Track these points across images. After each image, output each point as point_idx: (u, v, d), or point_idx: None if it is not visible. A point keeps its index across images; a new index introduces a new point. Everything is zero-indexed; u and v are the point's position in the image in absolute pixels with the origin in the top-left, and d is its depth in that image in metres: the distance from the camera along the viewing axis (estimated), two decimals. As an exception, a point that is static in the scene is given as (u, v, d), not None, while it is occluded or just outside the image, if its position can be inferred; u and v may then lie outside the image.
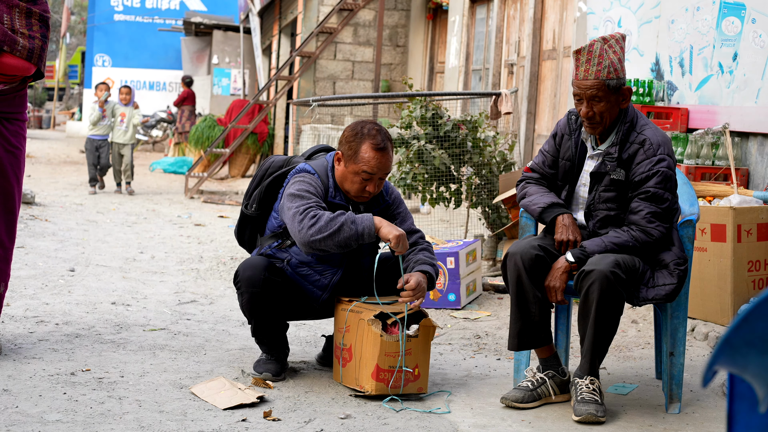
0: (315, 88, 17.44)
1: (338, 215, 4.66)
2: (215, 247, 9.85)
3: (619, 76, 4.65)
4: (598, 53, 4.63)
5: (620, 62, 4.66)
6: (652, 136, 4.65)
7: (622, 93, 4.68)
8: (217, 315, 6.60)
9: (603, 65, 4.62)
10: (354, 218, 4.67)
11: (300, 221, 4.67)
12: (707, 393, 5.07)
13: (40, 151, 24.09)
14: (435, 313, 6.92)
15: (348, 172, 4.88)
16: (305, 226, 4.65)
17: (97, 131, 15.45)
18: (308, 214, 4.67)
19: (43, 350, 5.33)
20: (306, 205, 4.72)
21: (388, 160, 4.88)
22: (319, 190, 4.87)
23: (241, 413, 4.40)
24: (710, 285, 6.27)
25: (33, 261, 8.30)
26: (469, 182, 8.88)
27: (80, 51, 45.05)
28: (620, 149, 4.68)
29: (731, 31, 7.42)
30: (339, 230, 4.62)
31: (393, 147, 5.01)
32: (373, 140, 4.84)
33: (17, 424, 4.08)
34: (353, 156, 4.84)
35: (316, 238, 4.64)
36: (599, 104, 4.64)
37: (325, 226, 4.62)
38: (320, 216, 4.65)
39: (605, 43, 4.65)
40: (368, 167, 4.82)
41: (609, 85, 4.62)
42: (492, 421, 4.52)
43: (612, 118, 4.70)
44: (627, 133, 4.69)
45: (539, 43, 11.73)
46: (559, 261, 4.67)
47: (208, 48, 28.00)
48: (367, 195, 4.92)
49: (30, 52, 5.09)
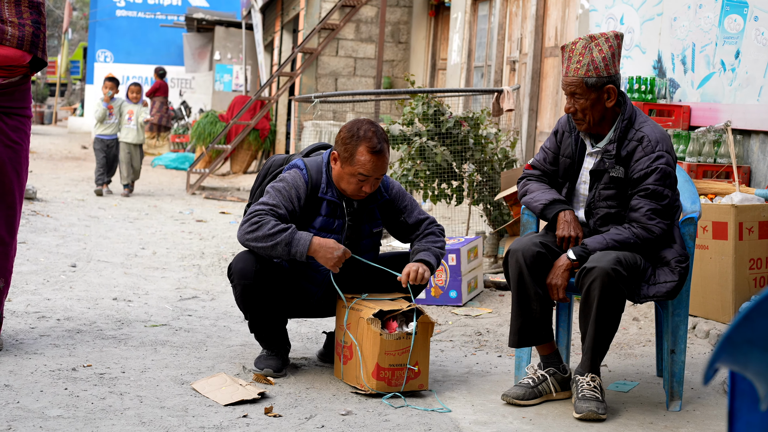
0: (317, 84, 17.43)
1: (279, 231, 4.72)
2: (216, 243, 9.85)
3: (600, 75, 4.64)
4: (579, 51, 4.67)
5: (605, 61, 4.65)
6: (651, 132, 4.65)
7: (605, 91, 4.67)
8: (218, 311, 6.60)
9: (582, 63, 4.65)
10: (290, 240, 4.71)
11: (244, 221, 4.79)
12: (708, 390, 5.07)
13: (41, 147, 24.08)
14: (436, 309, 6.93)
15: (344, 173, 4.88)
16: (245, 230, 4.77)
17: (105, 130, 14.62)
18: (252, 218, 4.77)
19: (45, 346, 5.34)
20: (260, 209, 4.79)
21: (384, 162, 4.88)
22: (298, 191, 4.90)
23: (242, 409, 4.41)
24: (711, 283, 6.27)
25: (34, 256, 8.30)
26: (471, 179, 8.88)
27: (82, 47, 45.01)
28: (618, 146, 4.68)
29: (733, 29, 7.41)
30: (272, 247, 4.73)
31: (389, 146, 5.01)
32: (369, 143, 4.82)
33: (18, 419, 4.08)
34: (349, 158, 4.84)
35: (250, 244, 4.79)
36: (579, 101, 4.68)
37: (261, 237, 4.73)
38: (263, 224, 4.73)
39: (592, 41, 4.66)
40: (364, 170, 4.82)
41: (587, 83, 4.64)
42: (493, 417, 4.52)
43: (596, 117, 4.70)
44: (625, 130, 4.69)
45: (541, 40, 11.73)
46: (561, 259, 4.67)
47: (210, 44, 27.96)
48: (363, 194, 4.93)
49: (20, 40, 5.04)
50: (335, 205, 4.94)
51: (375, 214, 5.08)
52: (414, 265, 4.87)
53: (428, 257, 4.97)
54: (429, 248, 5.04)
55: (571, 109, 4.71)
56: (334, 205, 4.94)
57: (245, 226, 4.76)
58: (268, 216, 4.76)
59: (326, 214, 4.92)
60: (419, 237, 5.12)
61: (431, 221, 5.16)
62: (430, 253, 5.00)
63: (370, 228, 5.07)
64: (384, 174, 4.93)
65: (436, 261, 5.02)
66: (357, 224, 5.02)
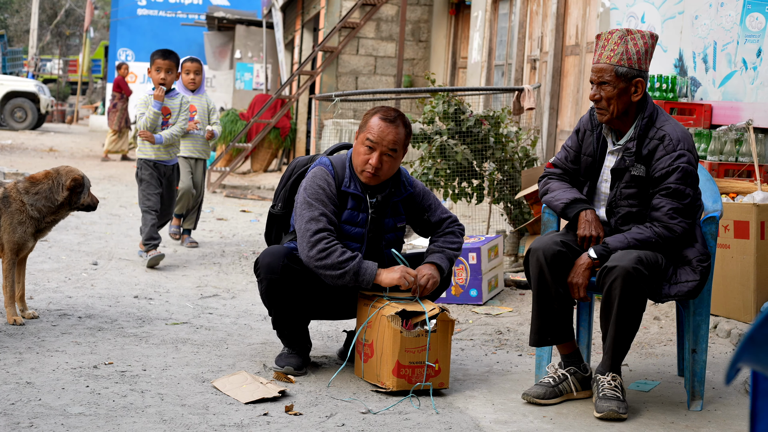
0: (337, 83, 17.44)
1: (347, 260, 4.77)
2: (237, 242, 9.87)
3: (632, 66, 4.63)
4: (615, 40, 4.66)
5: (638, 54, 4.64)
6: (672, 131, 4.63)
7: (633, 84, 4.66)
8: (239, 309, 6.62)
9: (617, 51, 4.64)
10: (358, 269, 4.77)
11: (310, 246, 4.81)
12: (730, 390, 5.05)
13: (63, 145, 24.20)
14: (456, 308, 6.92)
15: (357, 143, 4.96)
16: (314, 255, 4.79)
17: (161, 152, 8.38)
18: (319, 245, 4.79)
19: (66, 343, 5.36)
20: (323, 233, 4.81)
21: (393, 133, 4.89)
22: (331, 187, 4.93)
23: (263, 407, 4.41)
24: (733, 282, 6.24)
25: (56, 254, 8.33)
26: (492, 178, 8.87)
27: (103, 45, 45.18)
28: (639, 144, 4.67)
29: (755, 27, 7.38)
30: (341, 276, 4.78)
31: (408, 128, 5.00)
32: (384, 112, 4.92)
33: (40, 416, 4.10)
34: (363, 126, 4.95)
35: (319, 271, 4.81)
36: (606, 88, 4.66)
37: (330, 265, 4.77)
38: (331, 251, 4.77)
39: (628, 34, 4.66)
40: (372, 135, 4.86)
41: (618, 72, 4.63)
42: (513, 417, 4.51)
43: (620, 108, 4.68)
44: (646, 128, 4.67)
45: (562, 38, 11.70)
46: (582, 257, 4.66)
47: (231, 43, 28.01)
48: (369, 170, 4.91)
49: None
50: (359, 199, 4.96)
51: (399, 209, 5.10)
52: (423, 277, 4.91)
53: (440, 260, 5.00)
54: (443, 249, 5.06)
55: (596, 96, 4.69)
56: (359, 198, 4.96)
57: (313, 252, 4.78)
58: (334, 241, 4.81)
59: (351, 207, 4.96)
60: (438, 234, 5.15)
61: (453, 220, 5.19)
62: (443, 255, 5.03)
63: (394, 222, 5.09)
64: (393, 150, 4.92)
65: (448, 263, 5.05)
66: (380, 218, 5.04)
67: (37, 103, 31.12)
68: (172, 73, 8.34)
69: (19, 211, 5.71)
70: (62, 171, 5.94)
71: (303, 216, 4.86)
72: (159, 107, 8.28)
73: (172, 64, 8.33)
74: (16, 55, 45.89)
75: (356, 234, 4.97)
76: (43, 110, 31.24)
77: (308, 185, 4.93)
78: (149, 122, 8.25)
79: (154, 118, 8.25)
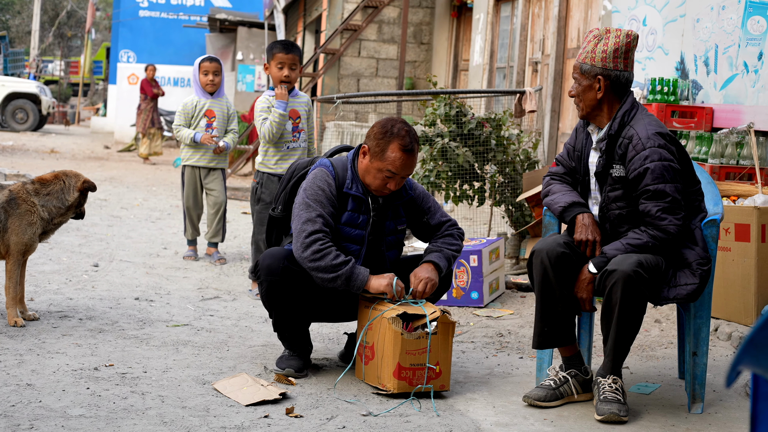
0: (339, 85, 17.45)
1: (341, 264, 4.79)
2: (238, 244, 9.87)
3: (594, 64, 4.72)
4: (590, 39, 4.80)
5: (604, 53, 4.70)
6: (642, 129, 4.61)
7: (596, 81, 4.72)
8: (240, 311, 6.62)
9: (586, 49, 4.78)
10: (350, 274, 4.79)
11: (304, 247, 4.83)
12: (730, 393, 5.05)
13: (64, 147, 24.21)
14: (457, 311, 6.92)
15: (372, 167, 4.91)
16: (308, 256, 4.81)
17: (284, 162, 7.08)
18: (313, 246, 4.81)
19: (67, 345, 5.36)
20: (317, 234, 4.83)
21: (413, 161, 4.93)
22: (331, 188, 4.94)
23: (264, 409, 4.41)
24: (734, 285, 6.24)
25: (57, 256, 8.34)
26: (493, 180, 8.87)
27: (105, 47, 45.23)
28: (610, 143, 4.70)
29: (757, 30, 7.38)
30: (333, 279, 4.80)
31: (419, 147, 5.07)
32: (402, 141, 4.87)
33: (41, 418, 4.10)
34: (380, 153, 4.87)
35: (312, 272, 4.84)
36: (575, 85, 4.83)
37: (323, 268, 4.79)
38: (326, 254, 4.79)
39: (606, 33, 4.79)
40: (393, 167, 4.86)
41: (581, 68, 4.78)
42: (514, 419, 4.51)
43: (588, 105, 4.78)
44: (618, 128, 4.70)
45: (564, 41, 11.71)
46: (584, 272, 4.65)
47: (233, 44, 28.01)
48: (387, 191, 4.96)
49: None
50: (360, 201, 4.98)
51: (399, 212, 5.11)
52: (420, 282, 4.91)
53: (438, 259, 5.02)
54: (442, 249, 5.08)
55: (571, 91, 4.88)
56: (360, 200, 4.97)
57: (307, 253, 4.80)
58: (329, 243, 4.83)
59: (351, 209, 4.96)
60: (437, 237, 5.16)
61: (452, 224, 5.20)
62: (441, 255, 5.05)
63: (395, 225, 5.10)
64: (411, 173, 4.97)
65: (447, 263, 5.06)
66: (381, 220, 5.05)
67: (38, 104, 31.17)
68: (296, 70, 7.07)
69: (29, 212, 5.73)
70: (69, 173, 5.97)
71: (300, 216, 4.88)
72: (284, 108, 6.98)
73: (296, 58, 7.03)
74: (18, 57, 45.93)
75: (356, 236, 4.98)
76: (44, 112, 31.28)
77: (308, 186, 4.94)
78: (275, 128, 6.96)
79: (280, 121, 6.95)
